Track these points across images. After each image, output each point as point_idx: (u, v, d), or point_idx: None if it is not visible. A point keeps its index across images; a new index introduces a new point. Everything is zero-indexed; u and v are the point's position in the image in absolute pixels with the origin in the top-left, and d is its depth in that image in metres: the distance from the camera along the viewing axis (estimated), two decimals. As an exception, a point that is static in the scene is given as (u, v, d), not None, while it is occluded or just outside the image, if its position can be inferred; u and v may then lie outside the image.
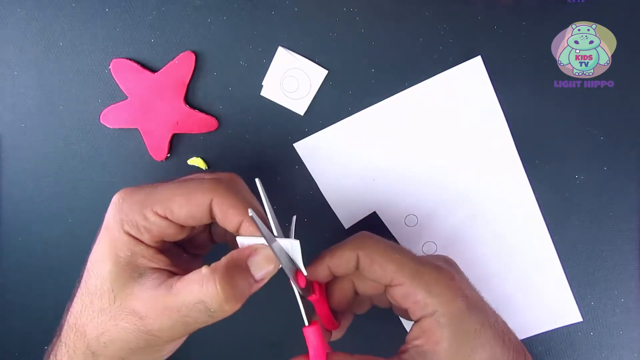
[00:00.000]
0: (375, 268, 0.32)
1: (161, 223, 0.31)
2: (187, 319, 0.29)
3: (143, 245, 0.31)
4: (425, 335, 0.31)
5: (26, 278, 0.44)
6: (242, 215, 0.31)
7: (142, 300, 0.29)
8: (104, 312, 0.30)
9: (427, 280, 0.31)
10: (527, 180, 0.41)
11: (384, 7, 0.40)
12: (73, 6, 0.40)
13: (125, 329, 0.30)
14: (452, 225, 0.42)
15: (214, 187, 0.31)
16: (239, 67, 0.41)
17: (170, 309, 0.29)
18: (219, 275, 0.29)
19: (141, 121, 0.41)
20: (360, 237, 0.34)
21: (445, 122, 0.41)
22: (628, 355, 0.43)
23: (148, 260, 0.31)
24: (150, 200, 0.31)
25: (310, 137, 0.41)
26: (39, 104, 0.41)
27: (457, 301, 0.31)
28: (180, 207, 0.30)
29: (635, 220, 0.42)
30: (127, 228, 0.31)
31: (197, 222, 0.32)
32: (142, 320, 0.29)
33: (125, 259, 0.30)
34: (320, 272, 0.33)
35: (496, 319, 0.33)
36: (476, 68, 0.40)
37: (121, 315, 0.30)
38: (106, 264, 0.30)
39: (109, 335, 0.30)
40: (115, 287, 0.30)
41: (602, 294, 0.42)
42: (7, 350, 0.45)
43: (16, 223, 0.43)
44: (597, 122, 0.41)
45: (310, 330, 0.32)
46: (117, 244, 0.31)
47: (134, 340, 0.30)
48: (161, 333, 0.30)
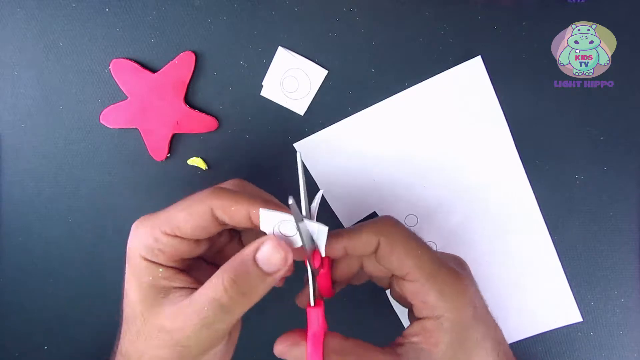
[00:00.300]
0: (393, 259, 0.32)
1: (172, 242, 0.31)
2: (207, 320, 0.30)
3: (162, 268, 0.32)
4: (425, 335, 0.31)
5: (26, 278, 0.44)
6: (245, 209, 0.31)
7: (168, 317, 0.30)
8: (139, 335, 0.31)
9: (441, 282, 0.31)
10: (527, 180, 0.41)
11: (384, 7, 0.40)
12: (73, 6, 0.40)
13: (158, 346, 0.31)
14: (452, 225, 0.42)
15: (211, 194, 0.32)
16: (239, 67, 0.41)
17: (191, 315, 0.30)
18: (227, 272, 0.30)
19: (141, 121, 0.41)
20: (384, 223, 0.33)
21: (445, 122, 0.41)
22: (628, 355, 0.43)
23: (170, 281, 0.32)
24: (158, 222, 0.31)
25: (310, 137, 0.41)
26: (39, 104, 0.41)
27: (465, 310, 0.31)
28: (185, 221, 0.31)
29: (635, 220, 0.42)
30: (144, 253, 0.31)
31: (207, 233, 0.32)
32: (170, 334, 0.30)
33: (148, 283, 0.31)
34: (336, 251, 0.33)
35: (496, 332, 0.33)
36: (476, 68, 0.40)
37: (152, 334, 0.31)
38: (133, 292, 0.32)
39: (148, 356, 0.31)
40: (144, 309, 0.31)
41: (602, 294, 0.42)
42: (7, 350, 0.45)
43: (16, 223, 0.43)
44: (597, 122, 0.41)
45: (314, 311, 0.31)
46: (137, 271, 0.32)
47: (169, 356, 0.31)
48: (189, 341, 0.30)
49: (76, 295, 0.44)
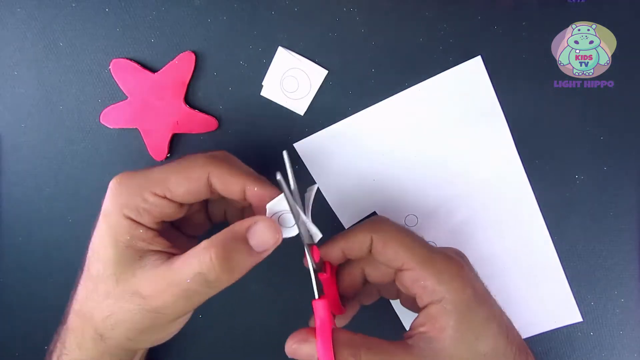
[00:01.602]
0: (387, 251, 0.32)
1: (161, 203, 0.31)
2: (188, 292, 0.30)
3: (142, 228, 0.31)
4: (431, 322, 0.31)
5: (26, 278, 0.44)
6: (242, 181, 0.31)
7: (144, 281, 0.30)
8: (108, 295, 0.31)
9: (437, 267, 0.31)
10: (527, 180, 0.41)
11: (384, 7, 0.40)
12: (73, 6, 0.40)
13: (131, 310, 0.30)
14: (452, 225, 0.42)
15: (209, 161, 0.32)
16: (239, 67, 0.41)
17: (172, 285, 0.30)
18: (215, 246, 0.29)
19: (141, 121, 0.41)
20: (376, 221, 0.34)
21: (445, 122, 0.41)
22: (628, 355, 0.43)
23: (148, 244, 0.31)
24: (148, 182, 0.31)
25: (310, 137, 0.41)
26: (39, 104, 0.41)
27: (465, 291, 0.31)
28: (178, 185, 0.31)
29: (635, 220, 0.42)
30: (127, 212, 0.31)
31: (195, 198, 0.32)
32: (145, 299, 0.30)
33: (125, 243, 0.31)
34: (333, 253, 0.34)
35: (502, 314, 0.33)
36: (476, 68, 0.40)
37: (125, 297, 0.30)
38: (107, 250, 0.31)
39: (115, 318, 0.31)
40: (117, 270, 0.31)
41: (602, 294, 0.42)
42: (7, 350, 0.45)
43: (16, 223, 0.43)
44: (597, 122, 0.41)
45: (319, 303, 0.32)
46: (116, 229, 0.31)
47: (140, 320, 0.31)
48: (166, 310, 0.30)
49: (76, 295, 0.43)
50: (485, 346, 0.31)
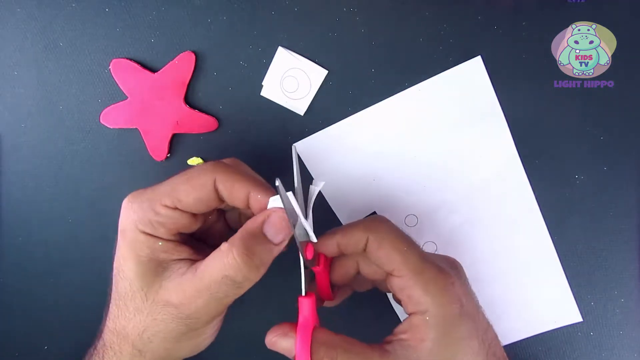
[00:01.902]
0: (380, 254, 0.33)
1: (173, 215, 0.32)
2: (218, 295, 0.30)
3: (161, 241, 0.32)
4: (412, 331, 0.31)
5: (26, 278, 0.44)
6: (246, 188, 0.32)
7: (173, 290, 0.31)
8: (139, 311, 0.31)
9: (426, 278, 0.31)
10: (527, 180, 0.41)
11: (384, 7, 0.40)
12: (73, 6, 0.40)
13: (165, 320, 0.31)
14: (452, 225, 0.42)
15: (215, 167, 0.32)
16: (239, 67, 0.41)
17: (201, 290, 0.30)
18: (236, 247, 0.30)
19: (141, 121, 0.41)
20: (374, 221, 0.34)
21: (445, 122, 0.41)
22: (628, 355, 0.43)
23: (169, 254, 0.32)
24: (157, 195, 0.32)
25: (310, 137, 0.41)
26: (39, 104, 0.41)
27: (451, 306, 0.31)
28: (186, 194, 0.31)
29: (635, 220, 0.42)
30: (142, 227, 0.31)
31: (206, 207, 0.32)
32: (177, 308, 0.31)
33: (147, 257, 0.31)
34: (329, 246, 0.34)
35: (486, 332, 0.33)
36: (476, 68, 0.40)
37: (157, 309, 0.31)
38: (130, 266, 0.32)
39: (151, 331, 0.31)
40: (144, 285, 0.31)
41: (602, 294, 0.42)
42: (7, 350, 0.45)
43: (16, 223, 0.43)
44: (597, 122, 0.41)
45: (305, 301, 0.32)
46: (135, 245, 0.31)
47: (175, 329, 0.31)
48: (198, 314, 0.31)
49: (76, 295, 0.44)
50: None
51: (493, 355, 0.32)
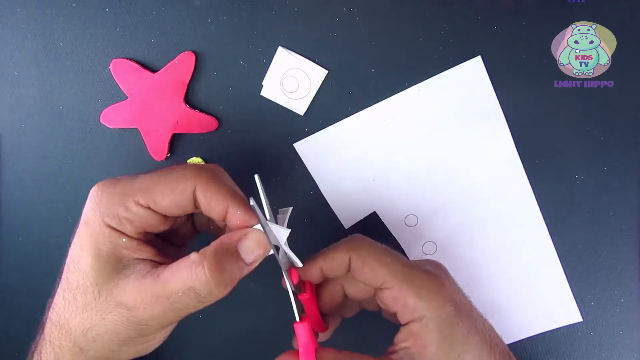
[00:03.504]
0: (366, 271, 0.32)
1: (144, 213, 0.30)
2: (178, 305, 0.29)
3: (125, 237, 0.30)
4: (413, 338, 0.31)
5: (26, 278, 0.44)
6: (226, 202, 0.30)
7: (129, 292, 0.29)
8: (88, 307, 0.30)
9: (417, 284, 0.32)
10: (527, 180, 0.41)
11: (384, 7, 0.40)
12: (73, 6, 0.40)
13: (114, 321, 0.29)
14: (452, 225, 0.42)
15: (197, 174, 0.31)
16: (239, 67, 0.41)
17: (160, 297, 0.29)
18: (208, 260, 0.29)
19: (141, 121, 0.41)
20: (353, 240, 0.34)
21: (445, 122, 0.41)
22: (628, 355, 0.43)
23: (132, 252, 0.30)
24: (131, 190, 0.30)
25: (310, 137, 0.41)
26: (39, 104, 0.41)
27: (446, 307, 0.31)
28: (163, 196, 0.30)
29: (635, 220, 0.42)
30: (108, 220, 0.30)
31: (181, 212, 0.31)
32: (130, 311, 0.29)
33: (107, 252, 0.30)
34: (313, 272, 0.34)
35: (483, 325, 0.33)
36: (476, 68, 0.40)
37: (108, 309, 0.29)
38: (87, 259, 0.30)
39: (97, 330, 0.30)
40: (99, 281, 0.29)
41: (602, 294, 0.42)
42: (7, 350, 0.45)
43: (16, 223, 0.43)
44: (597, 122, 0.41)
45: (300, 326, 0.32)
46: (98, 238, 0.30)
47: (124, 332, 0.30)
48: (152, 321, 0.30)
49: (76, 295, 0.43)
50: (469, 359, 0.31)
51: (496, 347, 0.32)
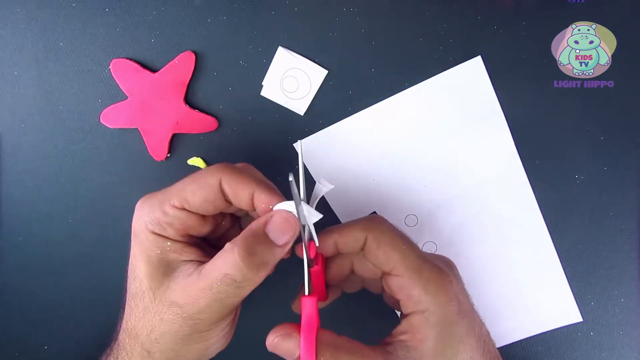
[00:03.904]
0: (379, 253, 0.32)
1: (180, 215, 0.32)
2: (220, 295, 0.30)
3: (170, 241, 0.32)
4: (413, 331, 0.31)
5: (26, 278, 0.44)
6: (251, 188, 0.32)
7: (179, 291, 0.31)
8: (147, 310, 0.32)
9: (426, 277, 0.32)
10: (527, 180, 0.41)
11: (384, 7, 0.40)
12: (73, 6, 0.40)
13: (170, 321, 0.31)
14: (452, 225, 0.42)
15: (222, 169, 0.32)
16: (239, 67, 0.41)
17: (203, 290, 0.30)
18: (238, 246, 0.30)
19: (141, 121, 0.41)
20: (372, 220, 0.34)
21: (445, 122, 0.41)
22: (628, 355, 0.43)
23: (178, 255, 0.32)
24: (167, 196, 0.32)
25: (310, 137, 0.41)
26: (39, 104, 0.41)
27: (450, 305, 0.31)
28: (193, 194, 0.32)
29: (635, 220, 0.42)
30: (151, 227, 0.32)
31: (213, 207, 0.33)
32: (182, 308, 0.31)
33: (156, 257, 0.32)
34: (327, 246, 0.34)
35: (481, 329, 0.33)
36: (476, 68, 0.40)
37: (163, 309, 0.31)
38: (140, 266, 0.32)
39: (158, 331, 0.32)
40: (153, 285, 0.32)
41: (602, 294, 0.42)
42: (7, 350, 0.45)
43: (16, 223, 0.43)
44: (597, 122, 0.41)
45: (308, 300, 0.32)
46: (145, 245, 0.32)
47: (180, 329, 0.31)
48: (201, 315, 0.31)
49: (76, 295, 0.44)
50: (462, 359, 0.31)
51: (488, 353, 0.32)
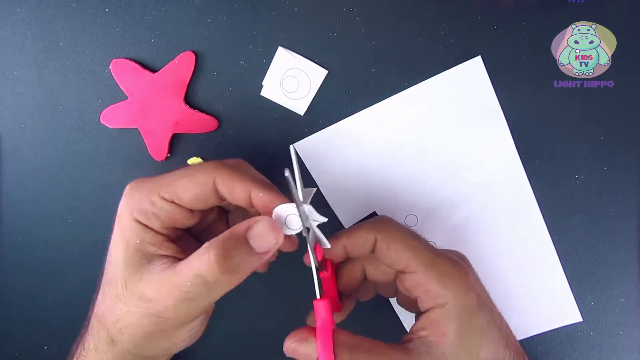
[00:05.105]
0: (391, 253, 0.32)
1: (169, 208, 0.31)
2: (189, 295, 0.30)
3: (152, 233, 0.32)
4: (433, 327, 0.31)
5: (26, 278, 0.44)
6: (248, 186, 0.31)
7: (150, 285, 0.30)
8: (118, 298, 0.31)
9: (441, 271, 0.31)
10: (527, 180, 0.41)
11: (384, 7, 0.40)
12: (73, 6, 0.40)
13: (137, 313, 0.31)
14: (452, 225, 0.42)
15: (216, 166, 0.32)
16: (239, 67, 0.41)
17: (173, 288, 0.30)
18: (214, 247, 0.29)
19: (141, 121, 0.41)
20: (380, 221, 0.34)
21: (445, 122, 0.41)
22: (628, 355, 0.43)
23: (157, 248, 0.32)
24: (157, 186, 0.31)
25: (310, 137, 0.41)
26: (39, 104, 0.41)
27: (468, 296, 0.31)
28: (184, 189, 0.31)
29: (635, 220, 0.42)
30: (136, 215, 0.31)
31: (204, 204, 0.32)
32: (149, 303, 0.30)
33: (135, 246, 0.31)
34: (336, 250, 0.34)
35: (501, 321, 0.33)
36: (476, 68, 0.40)
37: (132, 301, 0.31)
38: (118, 252, 0.31)
39: (123, 321, 0.31)
40: (126, 273, 0.31)
41: (602, 294, 0.42)
42: (7, 350, 0.45)
43: (16, 223, 0.43)
44: (597, 122, 0.41)
45: (321, 303, 0.31)
46: (126, 232, 0.31)
47: (145, 325, 0.31)
48: (167, 313, 0.30)
49: (76, 295, 0.43)
50: (485, 352, 0.31)
51: (512, 345, 0.32)
